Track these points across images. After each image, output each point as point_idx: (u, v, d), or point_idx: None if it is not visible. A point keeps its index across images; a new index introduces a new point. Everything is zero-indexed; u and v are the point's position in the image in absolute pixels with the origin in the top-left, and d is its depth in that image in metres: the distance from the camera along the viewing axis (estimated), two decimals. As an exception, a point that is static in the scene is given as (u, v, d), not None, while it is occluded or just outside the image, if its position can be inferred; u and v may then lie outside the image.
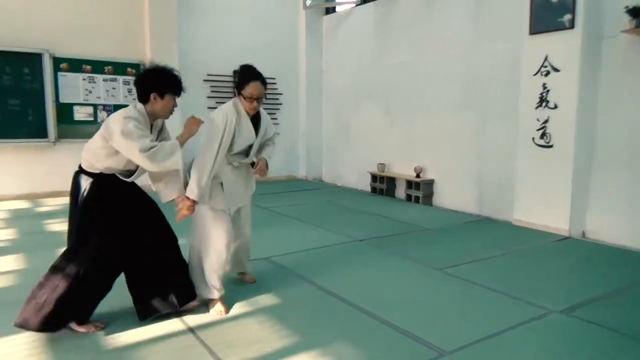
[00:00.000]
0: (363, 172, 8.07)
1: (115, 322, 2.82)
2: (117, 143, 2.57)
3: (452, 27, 6.43)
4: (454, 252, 4.42)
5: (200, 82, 8.13)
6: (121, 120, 2.58)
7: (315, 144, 9.23)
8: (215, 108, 8.30)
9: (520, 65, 5.34)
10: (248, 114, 3.05)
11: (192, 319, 2.90)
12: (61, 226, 5.32)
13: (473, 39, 6.15)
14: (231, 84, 8.42)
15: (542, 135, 5.15)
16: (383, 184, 7.58)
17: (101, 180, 2.70)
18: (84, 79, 7.08)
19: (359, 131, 8.35)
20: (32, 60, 6.67)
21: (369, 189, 7.94)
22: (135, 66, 7.48)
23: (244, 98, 2.99)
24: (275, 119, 8.99)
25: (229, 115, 2.97)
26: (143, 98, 2.74)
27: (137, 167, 2.74)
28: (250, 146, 3.15)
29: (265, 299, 3.24)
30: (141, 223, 2.83)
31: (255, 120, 3.14)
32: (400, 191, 7.38)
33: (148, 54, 7.46)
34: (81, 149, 2.78)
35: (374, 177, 7.79)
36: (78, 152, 2.89)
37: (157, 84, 2.73)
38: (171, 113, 2.82)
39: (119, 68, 7.37)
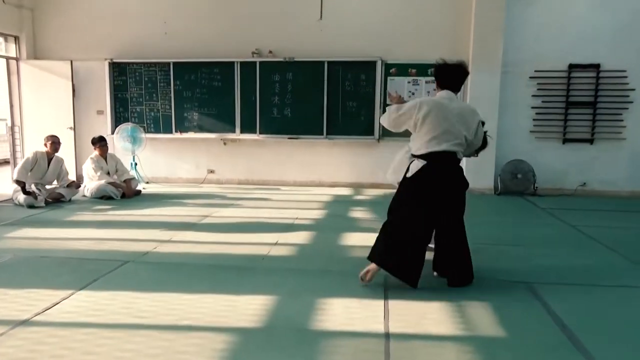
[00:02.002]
0: None
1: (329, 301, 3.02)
2: None
3: None
4: None
5: (525, 80, 7.42)
6: None
7: (682, 153, 7.02)
8: (541, 108, 7.52)
9: None
10: None
11: (398, 325, 2.78)
12: (362, 214, 5.99)
13: None
14: (565, 80, 7.37)
15: None
16: None
17: None
18: (408, 82, 7.64)
19: None
20: (368, 67, 7.66)
21: None
22: (457, 67, 7.51)
23: None
24: (621, 120, 7.30)
25: None
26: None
27: None
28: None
29: (488, 327, 2.77)
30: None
31: None
32: None
33: (470, 53, 7.36)
34: (400, 146, 3.93)
35: None
36: (397, 149, 4.26)
37: None
38: None
39: (441, 69, 7.57)
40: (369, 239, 4.58)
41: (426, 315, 2.92)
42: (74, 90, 8.24)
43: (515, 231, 5.22)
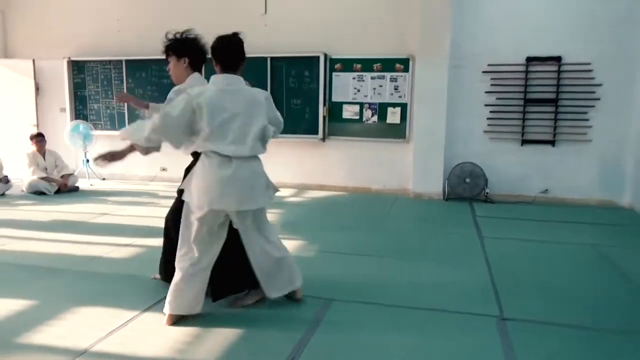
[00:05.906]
0: None
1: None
2: None
3: None
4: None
5: (478, 75, 6.76)
6: None
7: (656, 158, 6.10)
8: (496, 106, 6.80)
9: None
10: None
11: (113, 342, 2.50)
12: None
13: None
14: (522, 75, 6.63)
15: None
16: None
17: None
18: (353, 78, 7.20)
19: None
20: (311, 63, 7.29)
21: None
22: (404, 61, 6.99)
23: None
24: (587, 120, 6.47)
25: None
26: None
27: None
28: None
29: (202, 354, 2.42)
30: None
31: None
32: None
33: (416, 48, 6.81)
34: (348, 146, 3.19)
35: None
36: (344, 149, 3.43)
37: None
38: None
39: (388, 65, 7.08)
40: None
41: (165, 335, 2.62)
42: (37, 89, 8.50)
43: (394, 241, 4.70)
